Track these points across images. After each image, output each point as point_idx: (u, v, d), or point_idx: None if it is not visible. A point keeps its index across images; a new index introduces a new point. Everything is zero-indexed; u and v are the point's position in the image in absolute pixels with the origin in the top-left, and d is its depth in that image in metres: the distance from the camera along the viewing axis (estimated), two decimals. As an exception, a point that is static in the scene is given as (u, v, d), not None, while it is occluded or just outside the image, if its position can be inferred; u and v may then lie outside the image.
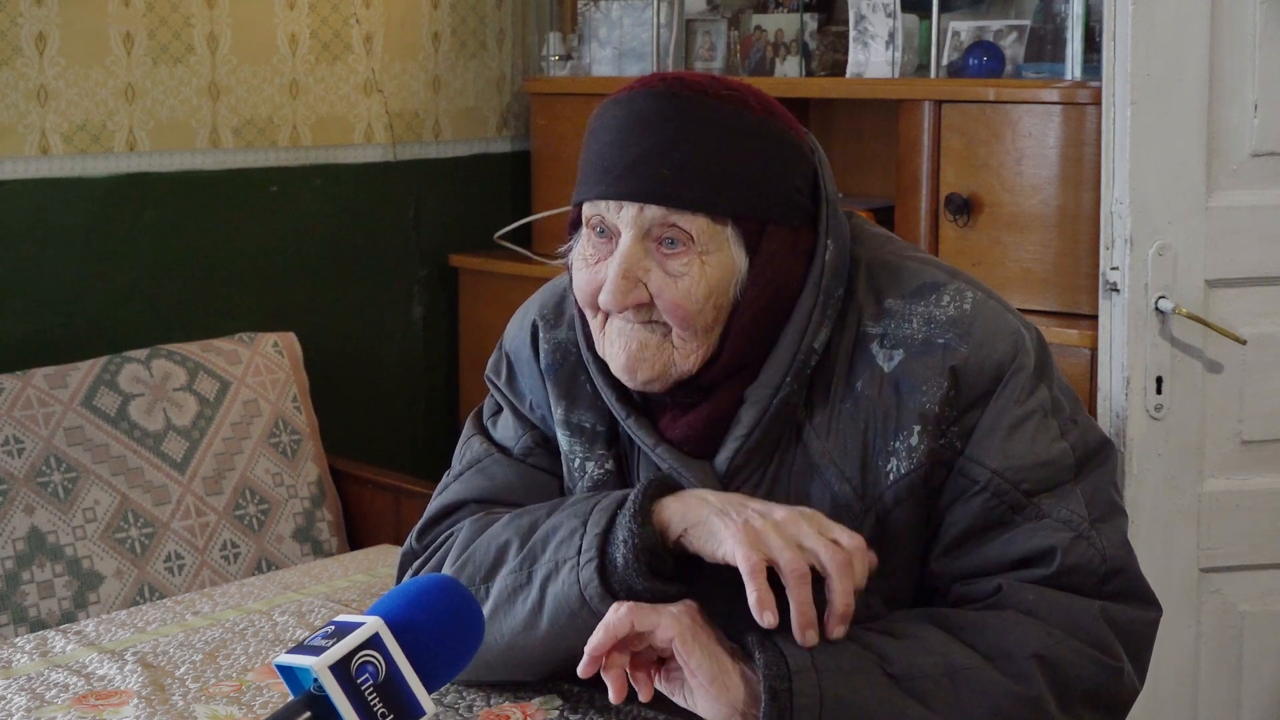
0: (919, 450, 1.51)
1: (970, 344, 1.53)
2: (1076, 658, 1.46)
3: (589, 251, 1.55)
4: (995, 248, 2.90)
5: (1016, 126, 2.87)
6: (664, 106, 1.52)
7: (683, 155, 1.49)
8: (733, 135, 1.51)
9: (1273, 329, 2.68)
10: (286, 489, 3.15)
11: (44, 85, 3.16)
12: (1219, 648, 2.73)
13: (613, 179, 1.51)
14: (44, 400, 2.94)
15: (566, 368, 1.67)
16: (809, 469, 1.55)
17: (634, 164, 1.50)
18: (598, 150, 1.55)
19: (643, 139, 1.51)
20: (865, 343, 1.55)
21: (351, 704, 1.14)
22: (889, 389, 1.53)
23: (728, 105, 1.52)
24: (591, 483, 1.64)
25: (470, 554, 1.60)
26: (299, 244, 3.57)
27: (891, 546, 1.54)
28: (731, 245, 1.51)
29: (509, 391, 1.73)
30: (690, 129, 1.50)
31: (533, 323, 1.71)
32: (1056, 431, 1.53)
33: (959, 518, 1.52)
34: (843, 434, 1.54)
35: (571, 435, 1.66)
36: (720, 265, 1.51)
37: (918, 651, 1.45)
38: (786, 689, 1.40)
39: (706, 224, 1.50)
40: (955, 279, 1.58)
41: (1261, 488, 2.70)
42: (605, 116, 1.57)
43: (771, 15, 3.48)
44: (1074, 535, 1.49)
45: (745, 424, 1.55)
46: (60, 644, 1.90)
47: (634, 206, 1.50)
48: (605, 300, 1.52)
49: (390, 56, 3.69)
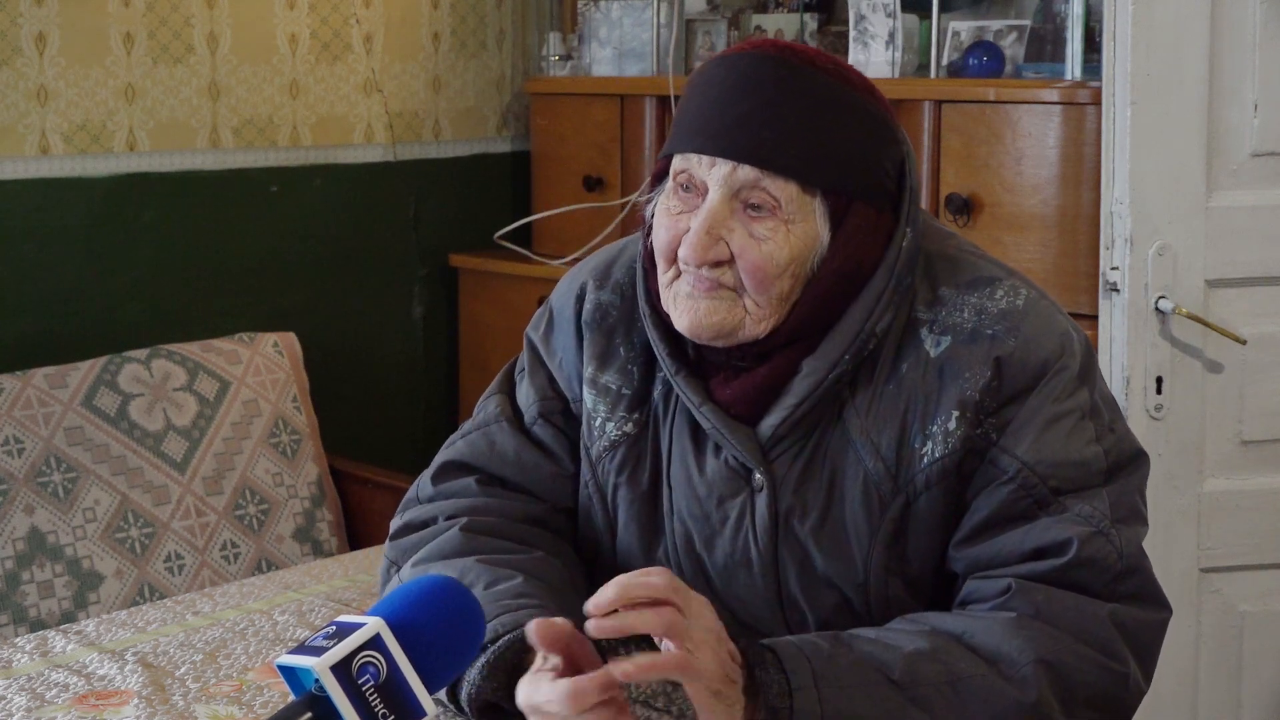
0: (955, 435, 1.51)
1: (1018, 338, 1.53)
2: (1081, 663, 1.46)
3: (673, 203, 1.55)
4: (995, 248, 2.90)
5: (1016, 126, 2.87)
6: (770, 70, 1.51)
7: (783, 120, 1.49)
8: (833, 108, 1.51)
9: (1273, 329, 2.67)
10: (286, 489, 3.15)
11: (44, 85, 3.16)
12: (1219, 648, 2.73)
13: (710, 134, 1.51)
14: (44, 400, 2.94)
15: (604, 328, 1.67)
16: (846, 445, 1.55)
17: (734, 123, 1.50)
18: (698, 105, 1.54)
19: (746, 99, 1.50)
20: (915, 327, 1.56)
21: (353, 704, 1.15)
22: (932, 373, 1.53)
23: (832, 78, 1.52)
24: (608, 442, 1.65)
25: (428, 568, 1.63)
26: (299, 244, 3.57)
27: (918, 530, 1.54)
28: (817, 217, 1.51)
29: (543, 346, 1.74)
30: (793, 96, 1.50)
31: (583, 283, 1.72)
32: (1092, 434, 1.53)
33: (983, 505, 1.52)
34: (883, 414, 1.54)
35: (597, 395, 1.66)
36: (804, 235, 1.51)
37: (920, 659, 1.44)
38: (787, 706, 1.39)
39: (797, 192, 1.50)
40: (1012, 277, 1.59)
41: (1261, 488, 2.70)
42: (709, 73, 1.56)
43: (771, 15, 3.48)
44: (1093, 530, 1.49)
45: (796, 394, 1.54)
46: (60, 644, 1.90)
47: (728, 165, 1.50)
48: (685, 253, 1.51)
49: (390, 56, 3.69)
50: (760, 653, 1.42)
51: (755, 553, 1.57)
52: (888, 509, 1.53)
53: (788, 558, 1.57)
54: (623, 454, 1.65)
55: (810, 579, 1.57)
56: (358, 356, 3.69)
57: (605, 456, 1.66)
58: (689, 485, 1.61)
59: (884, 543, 1.54)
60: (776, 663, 1.42)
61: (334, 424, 3.44)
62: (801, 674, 1.41)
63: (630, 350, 1.66)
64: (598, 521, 1.67)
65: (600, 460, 1.66)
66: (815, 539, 1.56)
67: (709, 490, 1.59)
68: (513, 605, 1.55)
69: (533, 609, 1.55)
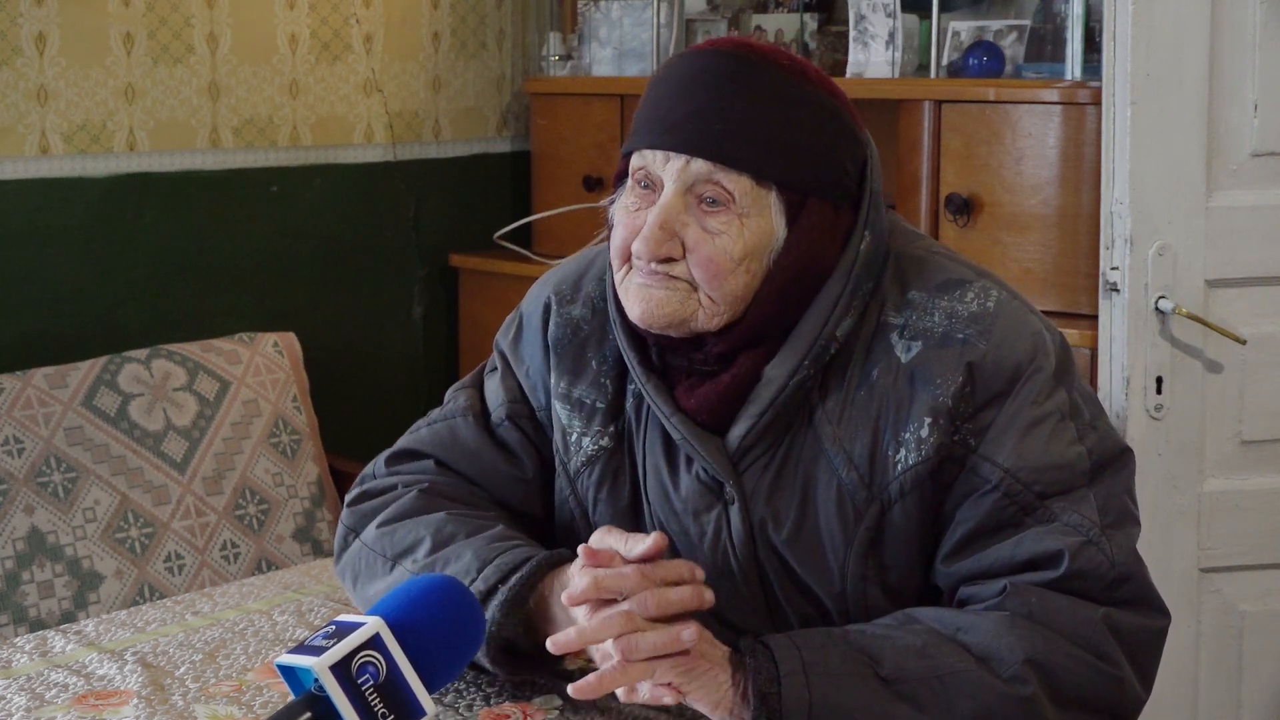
0: (928, 443, 1.50)
1: (990, 341, 1.52)
2: (1072, 664, 1.45)
3: (630, 201, 1.55)
4: (995, 248, 2.90)
5: (1016, 126, 2.87)
6: (725, 65, 1.51)
7: (736, 114, 1.49)
8: (788, 102, 1.51)
9: (1273, 329, 2.67)
10: (286, 489, 3.15)
11: (44, 85, 3.16)
12: (1219, 648, 2.73)
13: (663, 130, 1.51)
14: (44, 400, 2.94)
15: (575, 343, 1.67)
16: (818, 453, 1.54)
17: (687, 117, 1.50)
18: (654, 102, 1.54)
19: (699, 94, 1.50)
20: (885, 332, 1.55)
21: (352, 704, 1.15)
22: (904, 379, 1.52)
23: (788, 74, 1.52)
24: (585, 457, 1.65)
25: (395, 528, 1.64)
26: (299, 244, 3.57)
27: (895, 538, 1.53)
28: (772, 211, 1.51)
29: (511, 354, 1.74)
30: (747, 90, 1.50)
31: (548, 297, 1.72)
32: (1073, 435, 1.52)
33: (968, 516, 1.51)
34: (854, 421, 1.53)
35: (571, 410, 1.66)
36: (759, 230, 1.51)
37: (909, 654, 1.44)
38: (775, 692, 1.40)
39: (750, 185, 1.50)
40: (982, 278, 1.58)
41: (1261, 488, 2.70)
42: (668, 70, 1.56)
43: (771, 15, 3.48)
44: (1083, 540, 1.48)
45: (760, 403, 1.54)
46: (60, 644, 1.90)
47: (680, 159, 1.50)
48: (638, 247, 1.51)
49: (390, 56, 3.69)
50: (751, 642, 1.44)
51: (735, 564, 1.57)
52: (863, 518, 1.52)
53: (768, 567, 1.57)
54: (600, 469, 1.65)
55: (792, 587, 1.57)
56: (358, 356, 3.69)
57: (584, 472, 1.66)
58: (665, 500, 1.61)
59: (860, 551, 1.54)
60: (766, 651, 1.43)
61: (334, 424, 3.44)
62: (791, 661, 1.42)
63: (602, 363, 1.66)
64: (580, 536, 1.65)
65: (579, 475, 1.67)
66: (791, 549, 1.56)
67: (684, 505, 1.59)
68: (504, 546, 1.57)
69: (524, 546, 1.57)
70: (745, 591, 1.58)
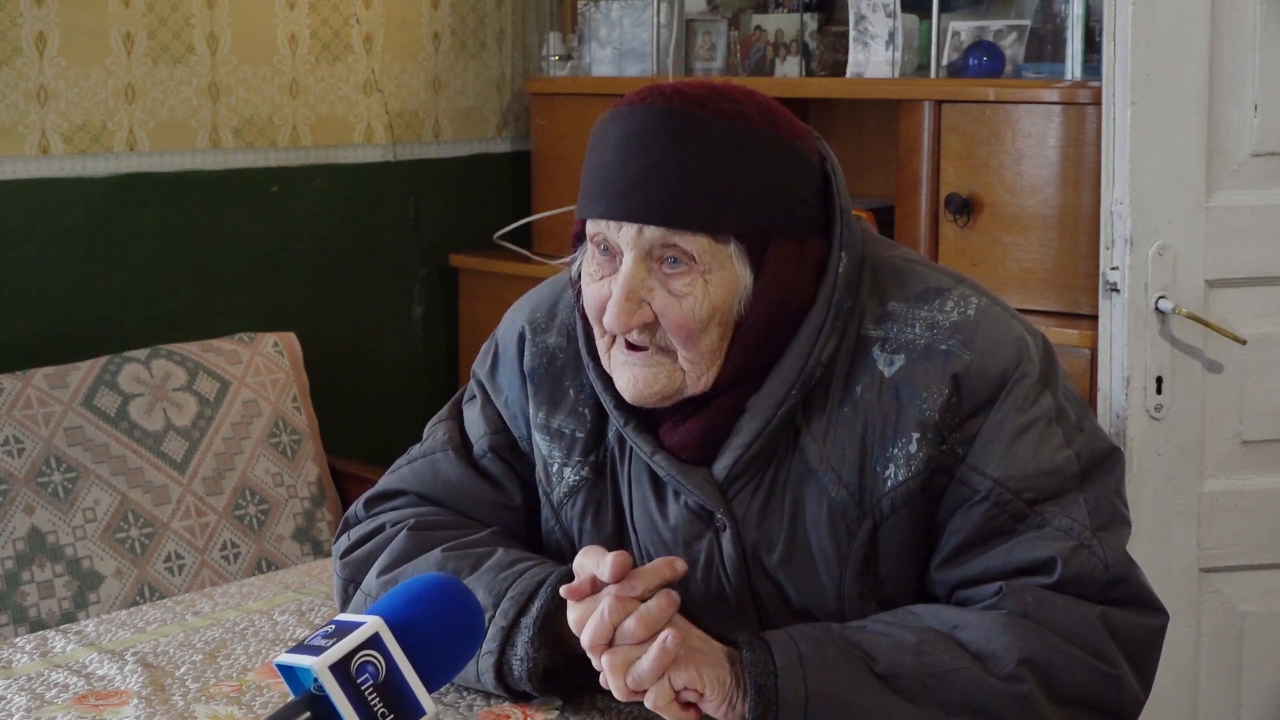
0: (918, 457, 1.50)
1: (973, 351, 1.51)
2: (1069, 663, 1.45)
3: (593, 268, 1.54)
4: (995, 248, 2.91)
5: (1016, 126, 2.87)
6: (663, 123, 1.49)
7: (682, 175, 1.47)
8: (733, 151, 1.49)
9: (1273, 329, 2.67)
10: (286, 489, 3.15)
11: (44, 85, 3.16)
12: (1219, 648, 2.73)
13: (612, 198, 1.49)
14: (44, 400, 2.95)
15: (551, 373, 1.66)
16: (806, 475, 1.54)
17: (633, 184, 1.48)
18: (597, 168, 1.53)
19: (641, 157, 1.48)
20: (866, 346, 1.54)
21: (352, 704, 1.15)
22: (889, 394, 1.51)
23: (728, 120, 1.49)
24: (567, 488, 1.65)
25: (395, 575, 1.62)
26: (299, 244, 3.57)
27: (888, 553, 1.53)
28: (735, 263, 1.49)
29: (488, 382, 1.73)
30: (689, 147, 1.48)
31: (521, 328, 1.71)
32: (1061, 439, 1.52)
33: (960, 527, 1.51)
34: (840, 439, 1.53)
35: (551, 440, 1.66)
36: (724, 283, 1.49)
37: (905, 650, 1.44)
38: (772, 685, 1.41)
39: (708, 243, 1.48)
40: (960, 285, 1.57)
41: (1261, 488, 2.70)
42: (605, 131, 1.54)
43: (771, 15, 3.48)
44: (1075, 544, 1.48)
45: (746, 434, 1.53)
46: (60, 644, 1.90)
47: (633, 227, 1.48)
48: (610, 323, 1.50)
49: (390, 56, 3.69)
50: (749, 637, 1.45)
51: (729, 589, 1.57)
52: (855, 535, 1.52)
53: (761, 591, 1.57)
54: (583, 499, 1.65)
55: (786, 610, 1.57)
56: (358, 356, 3.69)
57: (566, 503, 1.66)
58: (654, 530, 1.60)
59: (855, 569, 1.53)
60: (764, 645, 1.43)
61: (334, 424, 3.44)
62: (788, 655, 1.42)
63: (580, 392, 1.65)
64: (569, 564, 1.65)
65: (562, 506, 1.66)
66: (784, 571, 1.55)
67: (674, 535, 1.59)
68: (513, 575, 1.57)
69: (533, 565, 1.57)
70: (740, 617, 1.58)
